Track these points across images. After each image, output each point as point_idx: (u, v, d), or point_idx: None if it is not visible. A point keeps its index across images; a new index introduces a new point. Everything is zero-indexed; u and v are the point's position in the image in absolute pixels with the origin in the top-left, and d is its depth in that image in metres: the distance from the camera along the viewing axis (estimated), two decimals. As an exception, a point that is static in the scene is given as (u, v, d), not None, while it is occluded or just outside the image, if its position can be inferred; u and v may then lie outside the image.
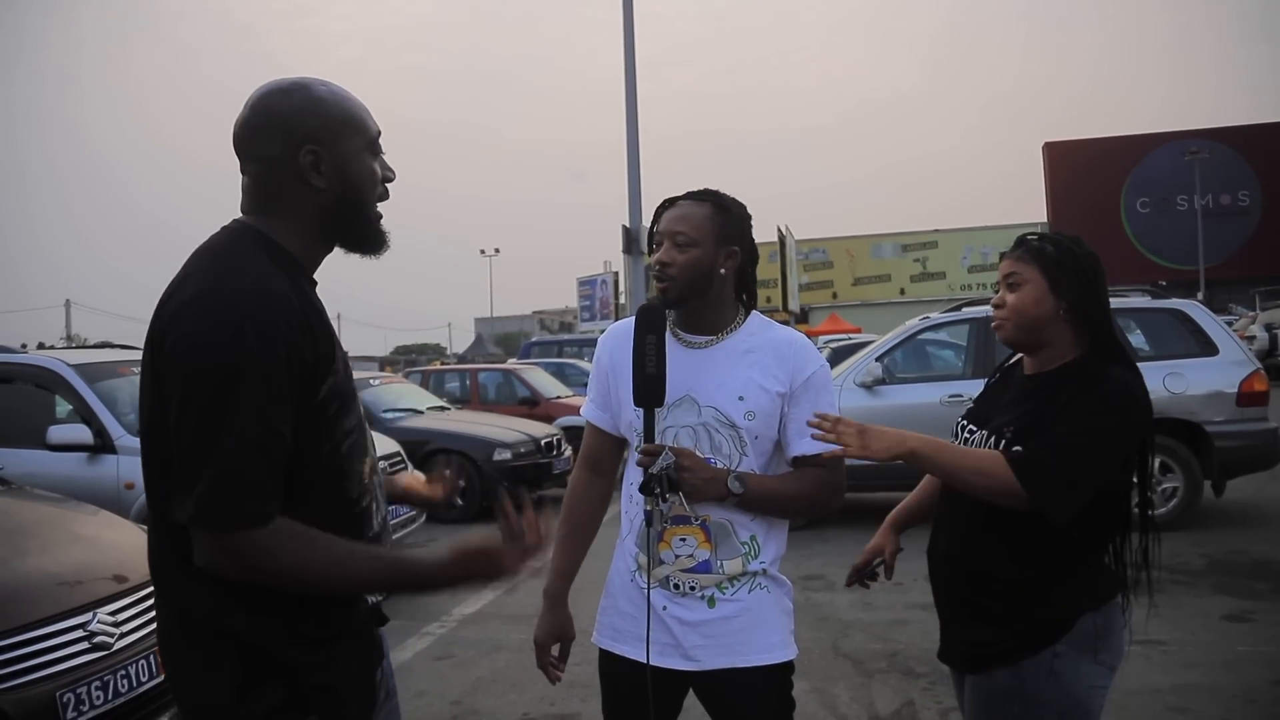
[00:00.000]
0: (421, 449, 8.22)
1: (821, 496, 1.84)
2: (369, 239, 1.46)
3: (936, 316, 7.59)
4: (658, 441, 1.78)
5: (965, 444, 1.89)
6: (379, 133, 1.45)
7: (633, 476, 1.89)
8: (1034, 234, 1.87)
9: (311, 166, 1.37)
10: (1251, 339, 18.74)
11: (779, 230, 28.65)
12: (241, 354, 1.22)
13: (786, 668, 1.87)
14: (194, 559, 1.27)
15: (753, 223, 1.91)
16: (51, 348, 11.01)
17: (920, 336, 7.65)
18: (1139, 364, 6.42)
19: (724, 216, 1.85)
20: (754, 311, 1.92)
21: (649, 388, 1.74)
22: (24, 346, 7.50)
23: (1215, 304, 22.61)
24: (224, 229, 1.41)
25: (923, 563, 1.95)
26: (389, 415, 8.86)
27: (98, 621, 2.80)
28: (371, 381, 9.66)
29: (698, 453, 1.78)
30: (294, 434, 1.29)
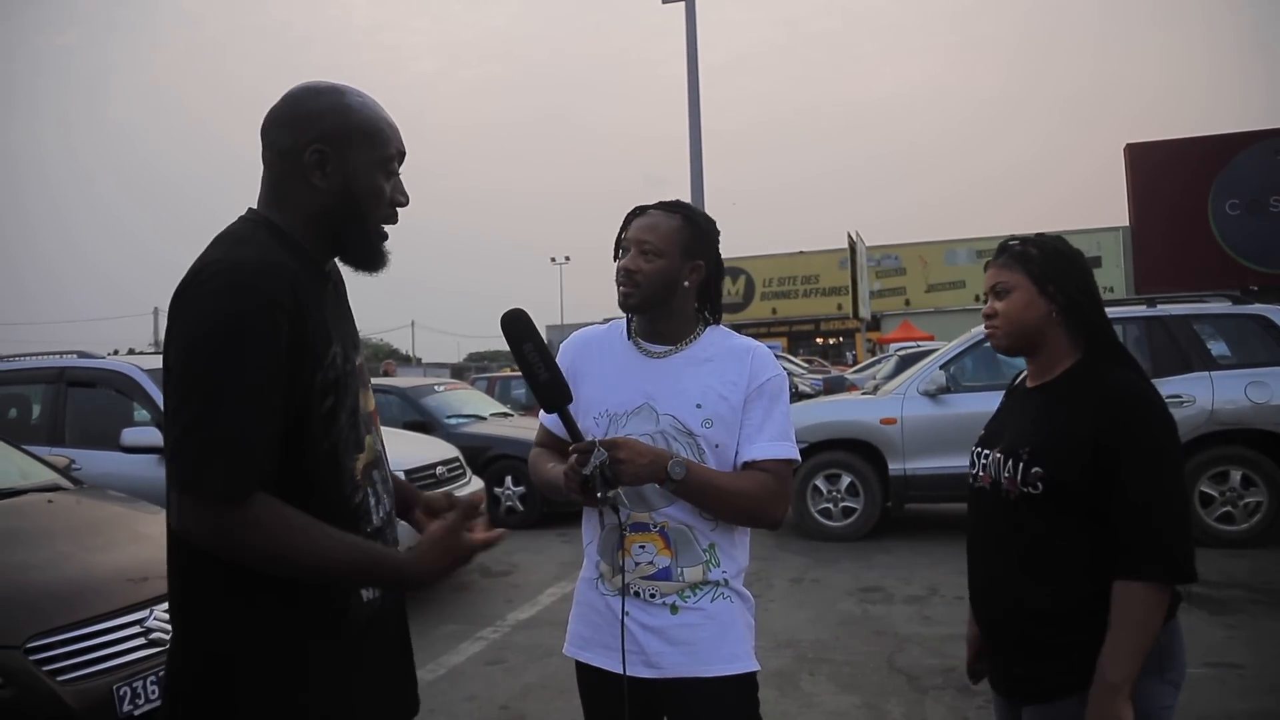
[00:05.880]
0: (483, 454, 8.33)
1: (763, 500, 1.79)
2: (364, 255, 1.45)
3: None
4: (589, 439, 1.72)
5: (982, 470, 1.83)
6: (399, 154, 1.44)
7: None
8: (1016, 239, 1.83)
9: (315, 165, 1.37)
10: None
11: (849, 236, 28.28)
12: (238, 323, 1.23)
13: (749, 680, 1.83)
14: (170, 521, 1.29)
15: (720, 238, 1.90)
16: (141, 353, 11.44)
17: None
18: (1221, 372, 6.13)
19: (692, 230, 1.85)
20: (716, 325, 1.92)
21: (548, 393, 1.69)
22: (115, 352, 7.82)
23: (1311, 310, 21.54)
24: (238, 219, 1.43)
25: None
26: (452, 421, 9.00)
27: (154, 618, 2.90)
28: (436, 388, 9.82)
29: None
30: (291, 415, 1.29)
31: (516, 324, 1.67)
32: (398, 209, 1.46)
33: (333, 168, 1.38)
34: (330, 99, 1.39)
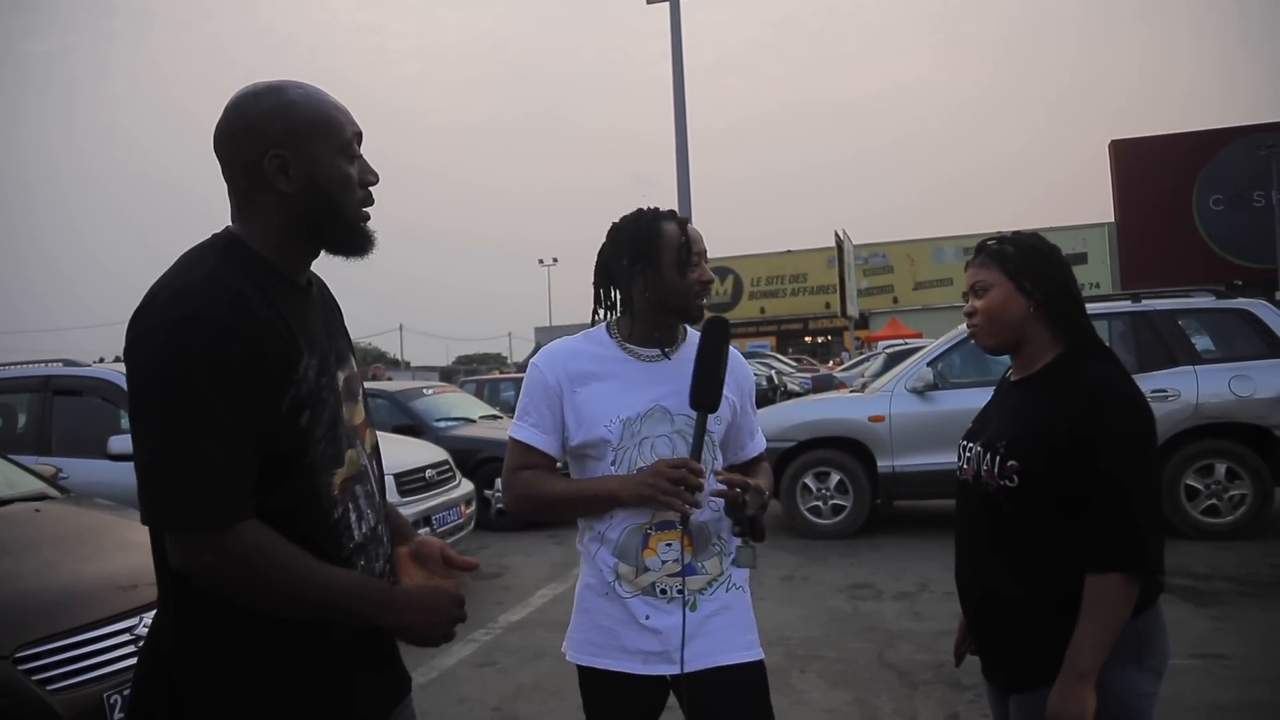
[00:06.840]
0: (473, 457, 8.31)
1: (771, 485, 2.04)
2: (348, 242, 1.41)
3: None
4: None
5: (966, 462, 1.86)
6: (356, 135, 1.40)
7: None
8: (994, 239, 1.86)
9: (278, 171, 1.33)
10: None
11: (836, 235, 28.35)
12: (184, 352, 1.21)
13: (762, 666, 1.90)
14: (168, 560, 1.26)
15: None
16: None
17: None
18: (1205, 367, 6.18)
19: None
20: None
21: (716, 391, 1.80)
22: (100, 360, 7.77)
23: (1295, 304, 21.65)
24: (210, 235, 1.39)
25: None
26: (441, 424, 8.98)
27: (144, 625, 2.88)
28: (425, 391, 9.80)
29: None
30: (263, 438, 1.26)
31: (727, 327, 1.86)
32: (370, 189, 1.42)
33: (296, 169, 1.34)
34: (272, 99, 1.35)
